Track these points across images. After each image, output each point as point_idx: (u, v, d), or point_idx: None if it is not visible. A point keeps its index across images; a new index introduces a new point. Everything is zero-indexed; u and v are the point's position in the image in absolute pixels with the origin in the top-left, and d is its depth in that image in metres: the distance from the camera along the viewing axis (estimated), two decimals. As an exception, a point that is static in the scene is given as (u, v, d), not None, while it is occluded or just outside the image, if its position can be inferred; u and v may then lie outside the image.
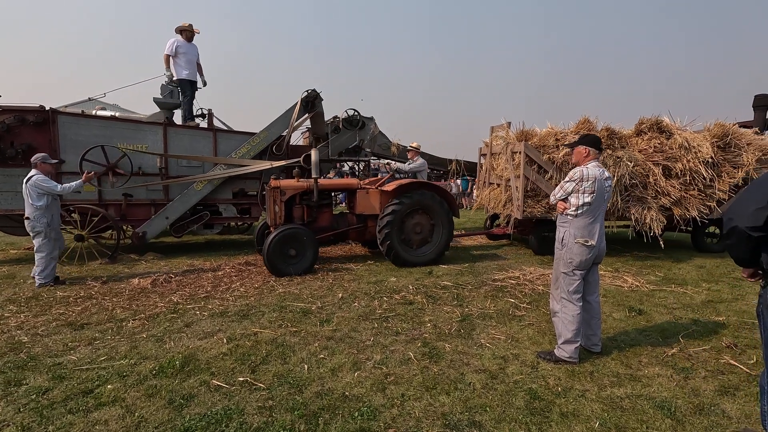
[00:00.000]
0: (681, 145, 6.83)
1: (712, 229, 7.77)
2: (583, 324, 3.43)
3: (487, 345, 3.67)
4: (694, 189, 6.91)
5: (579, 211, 3.28)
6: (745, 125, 13.51)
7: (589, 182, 3.23)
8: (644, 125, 7.15)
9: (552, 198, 3.50)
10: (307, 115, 8.12)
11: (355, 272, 6.19)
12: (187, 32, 7.81)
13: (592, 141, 3.39)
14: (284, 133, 8.03)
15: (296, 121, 7.96)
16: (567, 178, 3.36)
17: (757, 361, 3.36)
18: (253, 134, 7.75)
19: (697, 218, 6.88)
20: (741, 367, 3.28)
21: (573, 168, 3.40)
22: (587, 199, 3.24)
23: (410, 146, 8.69)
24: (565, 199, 3.37)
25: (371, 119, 8.88)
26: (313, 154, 6.41)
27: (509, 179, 7.26)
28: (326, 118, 8.60)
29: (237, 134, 7.89)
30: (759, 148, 7.02)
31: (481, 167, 9.01)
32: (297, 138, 9.53)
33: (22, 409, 2.67)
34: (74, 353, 3.48)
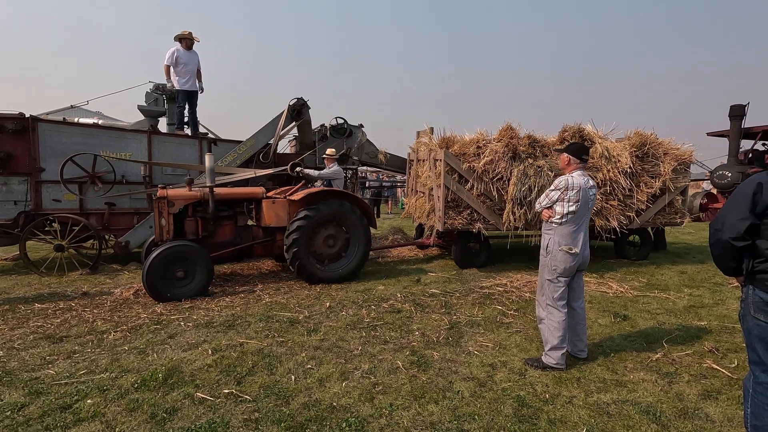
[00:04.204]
0: (602, 155, 6.72)
1: (632, 237, 7.77)
2: (569, 330, 3.46)
3: (475, 353, 3.67)
4: (614, 199, 6.86)
5: (564, 220, 3.33)
6: (720, 134, 13.97)
7: (574, 191, 3.28)
8: (567, 133, 6.93)
9: (537, 206, 3.54)
10: (294, 123, 8.11)
11: (343, 281, 6.16)
12: (186, 40, 7.69)
13: (572, 150, 3.44)
14: (271, 141, 7.99)
15: (283, 129, 7.94)
16: (552, 187, 3.40)
17: (738, 365, 3.43)
18: (239, 142, 7.71)
19: (617, 229, 6.84)
20: (723, 371, 3.34)
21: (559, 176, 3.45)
22: (572, 208, 3.29)
23: (326, 154, 7.65)
24: (550, 207, 3.41)
25: (359, 127, 8.91)
26: (207, 160, 5.55)
27: (432, 188, 6.91)
28: (314, 126, 8.61)
29: (223, 142, 7.84)
30: (675, 158, 7.09)
31: (410, 174, 8.66)
32: (284, 146, 9.52)
33: (-4, 427, 2.58)
34: (52, 367, 3.37)
